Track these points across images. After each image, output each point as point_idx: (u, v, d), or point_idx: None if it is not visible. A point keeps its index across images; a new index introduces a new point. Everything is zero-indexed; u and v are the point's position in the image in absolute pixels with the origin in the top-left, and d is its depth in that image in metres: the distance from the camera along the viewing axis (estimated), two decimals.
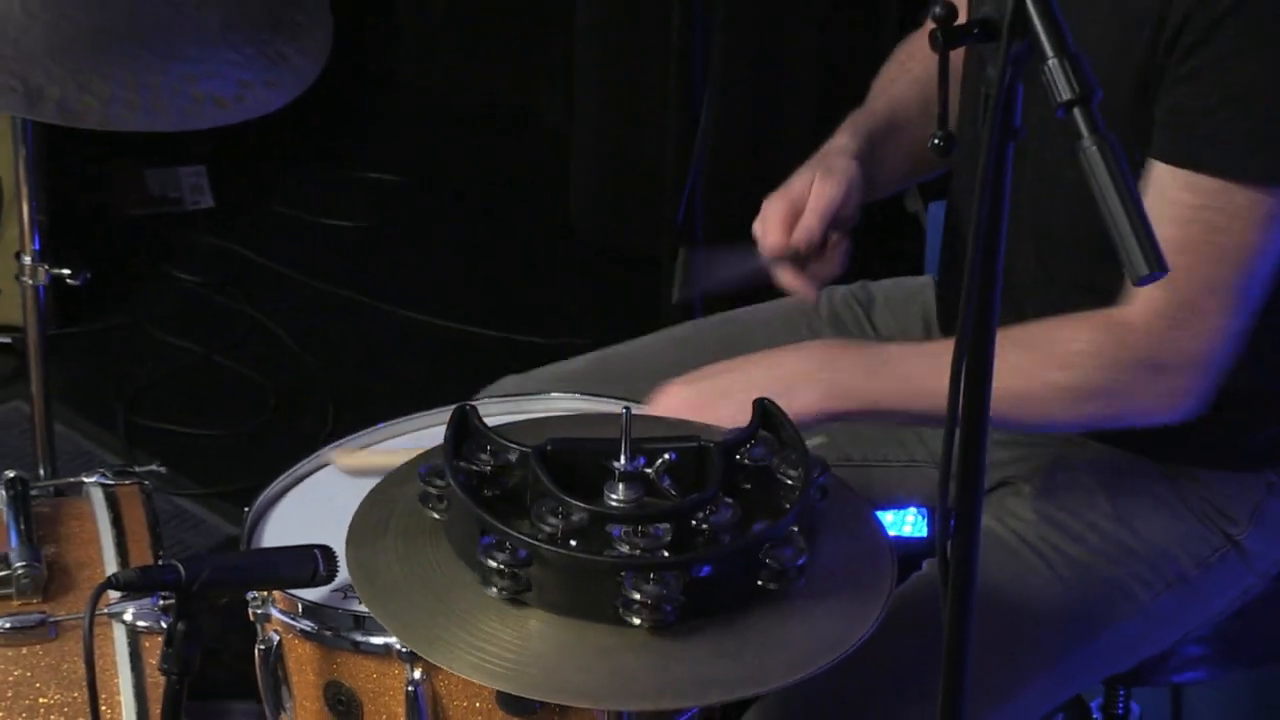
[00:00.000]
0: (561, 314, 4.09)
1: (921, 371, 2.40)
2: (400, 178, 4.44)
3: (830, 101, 3.92)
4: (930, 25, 2.53)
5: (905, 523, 2.77)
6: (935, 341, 2.47)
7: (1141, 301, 2.37)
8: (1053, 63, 1.76)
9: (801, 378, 2.43)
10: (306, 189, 4.36)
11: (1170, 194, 2.37)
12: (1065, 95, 1.75)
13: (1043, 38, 1.77)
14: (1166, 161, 2.38)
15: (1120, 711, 2.75)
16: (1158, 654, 2.63)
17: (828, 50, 3.97)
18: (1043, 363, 2.42)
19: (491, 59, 4.59)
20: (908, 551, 2.53)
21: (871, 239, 2.64)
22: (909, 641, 2.21)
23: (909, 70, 2.75)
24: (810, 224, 2.51)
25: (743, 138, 3.88)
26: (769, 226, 2.53)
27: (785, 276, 2.55)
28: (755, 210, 2.58)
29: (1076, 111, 1.75)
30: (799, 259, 2.54)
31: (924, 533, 2.80)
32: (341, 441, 2.65)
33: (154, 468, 2.78)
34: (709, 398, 2.42)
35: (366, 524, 2.19)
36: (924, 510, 2.75)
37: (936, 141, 1.83)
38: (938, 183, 2.93)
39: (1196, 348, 2.41)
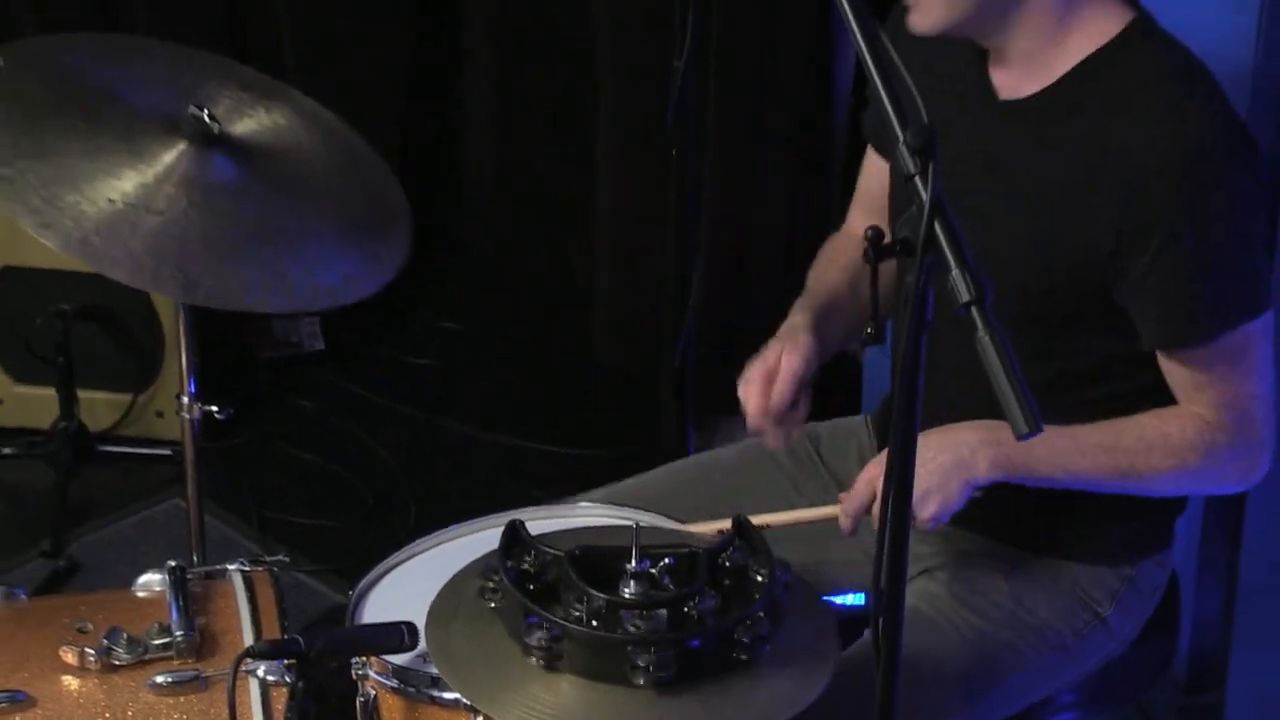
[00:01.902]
0: (584, 423, 4.07)
1: (1065, 450, 2.38)
2: (464, 325, 4.42)
3: (792, 261, 3.93)
4: (849, 229, 2.59)
5: (847, 602, 2.72)
6: (1074, 428, 2.40)
7: (1210, 408, 2.39)
8: (955, 273, 1.76)
9: (978, 449, 2.39)
10: (395, 334, 4.33)
11: (1200, 364, 2.36)
12: (965, 297, 1.76)
13: (948, 253, 1.77)
14: (1184, 346, 2.38)
15: None
16: (1040, 700, 2.59)
17: (791, 224, 3.97)
18: (1148, 451, 2.41)
19: (533, 232, 4.54)
20: (852, 617, 2.53)
21: (818, 381, 2.62)
22: (852, 694, 2.16)
23: (837, 261, 2.71)
24: (783, 390, 2.49)
25: (724, 293, 3.86)
26: (751, 394, 2.50)
27: (766, 435, 2.53)
28: (736, 343, 2.59)
29: (973, 310, 1.76)
30: (772, 412, 2.51)
31: (862, 601, 2.74)
32: (424, 539, 2.62)
33: (280, 558, 2.79)
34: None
35: (441, 609, 2.21)
36: (863, 593, 2.71)
37: (869, 331, 1.83)
38: None
39: (1261, 433, 2.41)
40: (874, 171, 2.73)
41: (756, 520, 2.27)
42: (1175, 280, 2.33)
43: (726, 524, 2.26)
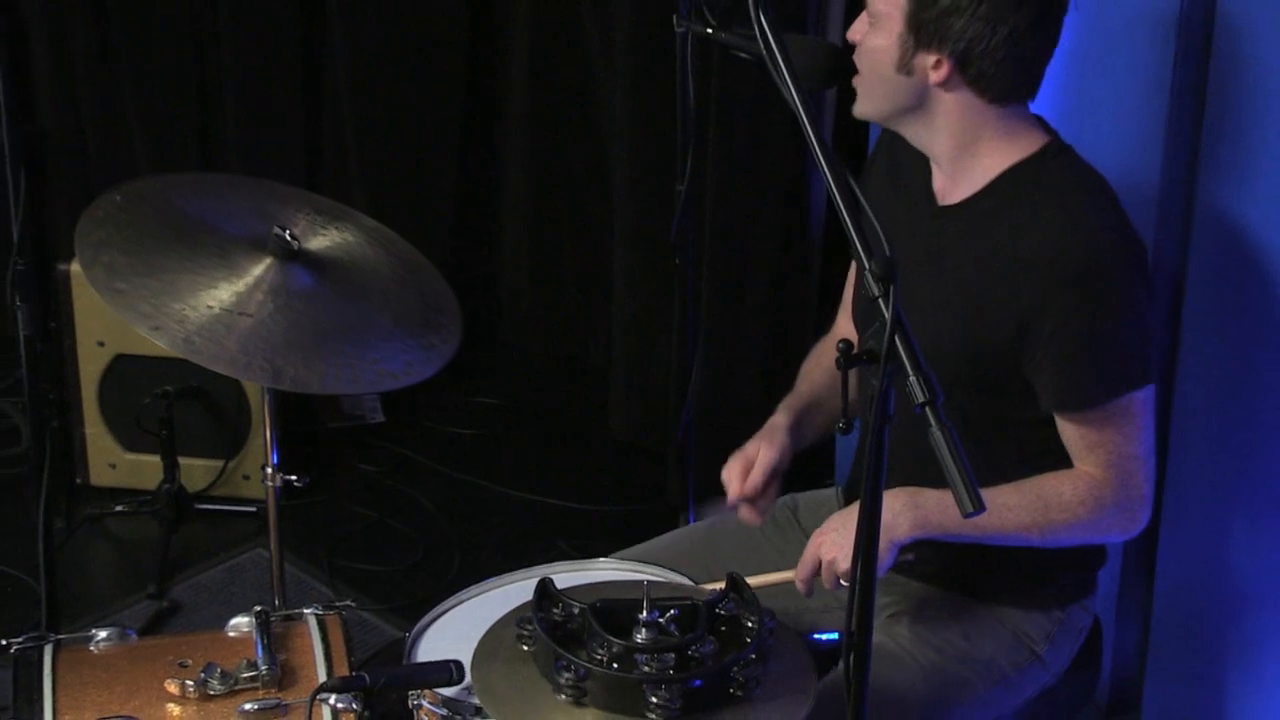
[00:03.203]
0: (600, 486, 4.04)
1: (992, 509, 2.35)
2: (499, 402, 4.40)
3: (775, 352, 3.94)
4: (837, 331, 2.59)
5: (823, 640, 2.70)
6: (1005, 488, 2.38)
7: (1099, 467, 2.38)
8: (912, 378, 1.77)
9: (900, 513, 2.37)
10: (442, 409, 4.31)
11: (1090, 425, 2.36)
12: (920, 398, 1.77)
13: (905, 362, 1.78)
14: (1075, 410, 2.35)
15: None
16: None
17: (773, 325, 3.97)
18: (1045, 509, 2.39)
19: (558, 326, 4.54)
20: (828, 651, 2.51)
21: (796, 459, 2.64)
22: (827, 718, 2.16)
23: (821, 363, 2.70)
24: (755, 479, 2.51)
25: (719, 378, 3.83)
26: (732, 479, 2.52)
27: (740, 511, 2.54)
28: (727, 423, 2.58)
29: (928, 410, 1.77)
30: (748, 498, 2.52)
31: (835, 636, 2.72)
32: (469, 589, 2.60)
33: (348, 603, 2.75)
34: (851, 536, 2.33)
35: (484, 651, 2.20)
36: (836, 633, 2.68)
37: (841, 425, 1.84)
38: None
39: (1141, 491, 2.37)
40: (854, 280, 2.76)
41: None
42: (1067, 356, 2.35)
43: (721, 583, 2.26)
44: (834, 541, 2.41)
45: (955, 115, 2.40)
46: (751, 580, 2.36)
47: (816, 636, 2.63)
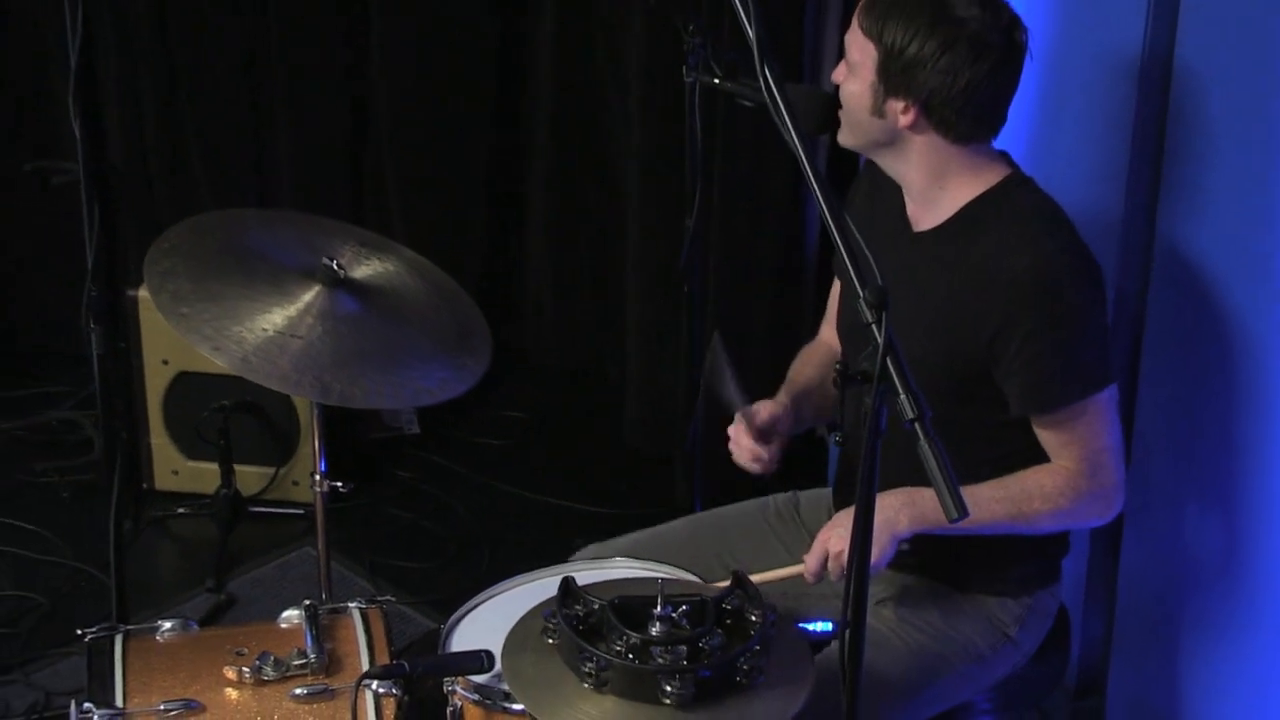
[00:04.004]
0: (615, 490, 4.02)
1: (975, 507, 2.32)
2: (524, 415, 4.37)
3: (775, 369, 3.92)
4: (821, 338, 2.57)
5: (821, 627, 2.69)
6: (972, 486, 2.35)
7: (1073, 460, 2.39)
8: (903, 397, 1.76)
9: (900, 510, 2.38)
10: (472, 422, 4.29)
11: (1060, 425, 2.36)
12: (910, 415, 1.77)
13: (896, 381, 1.77)
14: (1043, 412, 2.37)
15: None
16: (962, 705, 2.57)
17: (772, 341, 3.93)
18: (1029, 500, 2.40)
19: (576, 346, 4.52)
20: (819, 640, 2.54)
21: (797, 459, 2.64)
22: (821, 691, 2.15)
23: (810, 362, 2.73)
24: (763, 417, 2.52)
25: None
26: (739, 433, 2.55)
27: (744, 449, 2.53)
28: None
29: (917, 425, 1.76)
30: (758, 432, 2.50)
31: (829, 628, 2.70)
32: (498, 585, 2.59)
33: (388, 597, 2.78)
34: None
35: (512, 642, 2.21)
36: (833, 621, 2.68)
37: (838, 439, 1.83)
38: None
39: (1112, 479, 2.38)
40: (837, 294, 2.77)
41: (753, 579, 2.27)
42: (1034, 365, 2.36)
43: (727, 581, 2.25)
44: (841, 536, 2.41)
45: (924, 153, 2.43)
46: (759, 576, 2.36)
47: (803, 625, 2.62)
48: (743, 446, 2.53)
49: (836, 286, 2.77)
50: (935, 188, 2.45)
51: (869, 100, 2.40)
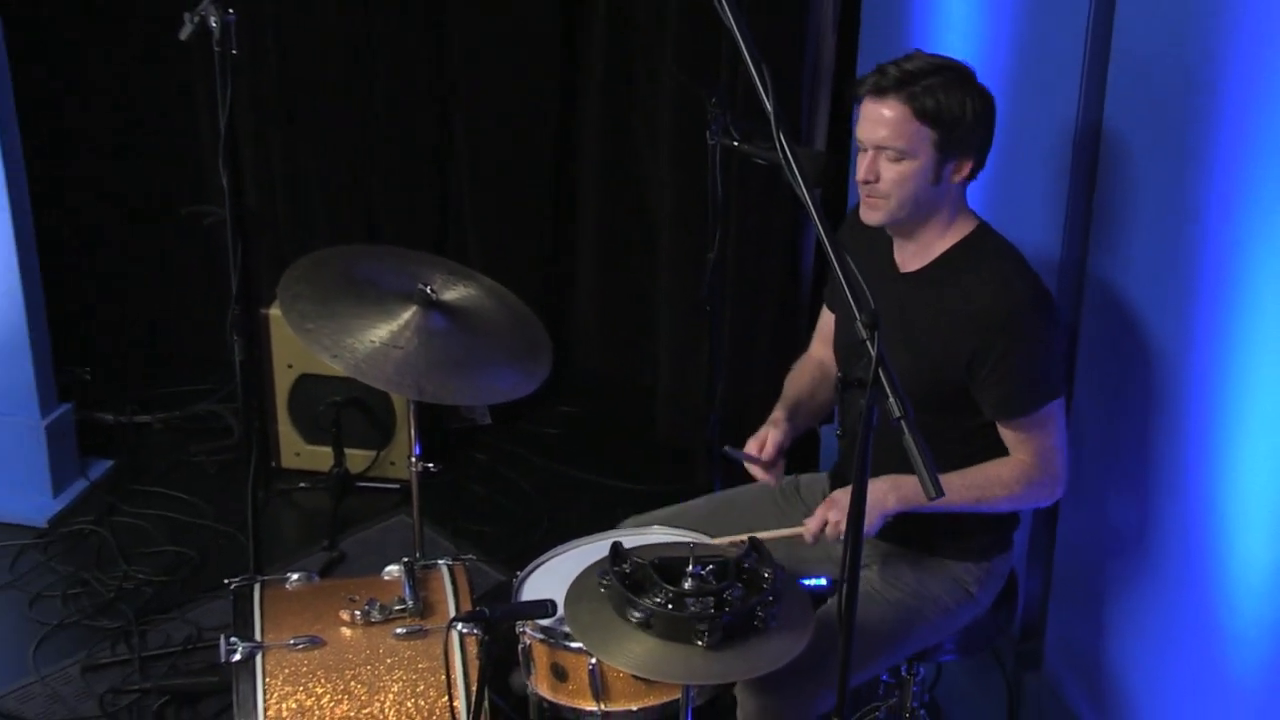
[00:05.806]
0: (650, 472, 3.99)
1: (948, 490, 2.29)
2: (576, 409, 4.34)
3: (778, 374, 3.88)
4: (811, 353, 2.54)
5: (818, 582, 2.69)
6: (946, 475, 2.26)
7: (1029, 455, 2.38)
8: (891, 399, 1.75)
9: (888, 492, 2.37)
10: (534, 414, 4.26)
11: (1021, 428, 2.34)
12: (896, 414, 1.74)
13: (885, 386, 1.76)
14: (1011, 418, 2.39)
15: (907, 673, 2.68)
16: (933, 646, 2.55)
17: (775, 353, 3.90)
18: (991, 486, 2.39)
19: (619, 356, 4.47)
20: (819, 594, 2.53)
21: (797, 448, 2.61)
22: (818, 640, 2.15)
23: (803, 375, 2.69)
24: (770, 450, 2.47)
25: (737, 396, 3.76)
26: (753, 449, 2.50)
27: (759, 475, 2.50)
28: (745, 425, 2.58)
29: (903, 422, 1.75)
30: (765, 465, 2.49)
31: (825, 583, 2.69)
32: (559, 546, 2.57)
33: (470, 555, 2.79)
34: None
35: (572, 593, 2.21)
36: (826, 578, 2.67)
37: (839, 434, 1.81)
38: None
39: (1058, 471, 2.36)
40: (827, 319, 2.76)
41: (761, 536, 2.27)
42: (1004, 381, 2.36)
43: (743, 537, 2.27)
44: (838, 509, 2.41)
45: (942, 202, 2.40)
46: (766, 534, 2.36)
47: (803, 581, 2.62)
48: (758, 476, 2.53)
49: (825, 314, 2.77)
50: (936, 238, 2.43)
51: (931, 174, 2.35)
